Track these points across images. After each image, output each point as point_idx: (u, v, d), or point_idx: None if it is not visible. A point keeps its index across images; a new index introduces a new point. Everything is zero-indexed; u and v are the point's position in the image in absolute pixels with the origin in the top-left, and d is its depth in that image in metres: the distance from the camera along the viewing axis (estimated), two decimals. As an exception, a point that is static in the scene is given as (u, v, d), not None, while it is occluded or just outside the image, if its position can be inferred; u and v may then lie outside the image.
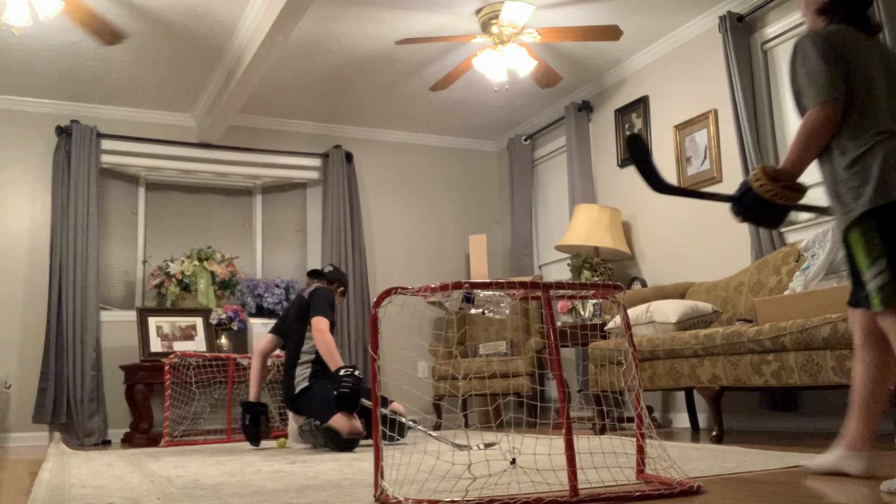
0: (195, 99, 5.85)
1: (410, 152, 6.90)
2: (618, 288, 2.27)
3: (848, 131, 2.00)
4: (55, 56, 5.04)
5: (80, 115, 5.80)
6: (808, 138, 2.01)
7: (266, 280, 6.08)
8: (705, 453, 2.90)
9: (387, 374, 5.98)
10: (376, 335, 2.08)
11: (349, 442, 3.71)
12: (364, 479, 2.44)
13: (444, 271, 6.64)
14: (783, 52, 4.50)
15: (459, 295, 2.00)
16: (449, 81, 5.15)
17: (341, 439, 3.70)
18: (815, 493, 1.91)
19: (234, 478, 2.63)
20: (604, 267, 5.24)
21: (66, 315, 5.39)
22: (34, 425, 5.35)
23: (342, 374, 3.77)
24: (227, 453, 3.84)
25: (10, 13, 3.84)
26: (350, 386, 3.72)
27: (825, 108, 1.98)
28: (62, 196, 5.57)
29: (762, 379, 3.28)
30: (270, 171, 6.41)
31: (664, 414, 5.11)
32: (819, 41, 2.04)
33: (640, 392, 2.20)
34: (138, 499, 2.13)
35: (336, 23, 4.77)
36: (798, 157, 2.02)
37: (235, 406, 5.24)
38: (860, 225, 1.94)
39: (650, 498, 1.86)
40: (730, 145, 4.67)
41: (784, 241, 4.31)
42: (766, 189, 2.03)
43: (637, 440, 2.19)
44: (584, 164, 5.84)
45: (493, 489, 1.93)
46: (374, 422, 1.99)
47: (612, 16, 4.80)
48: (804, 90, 2.06)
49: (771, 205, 2.03)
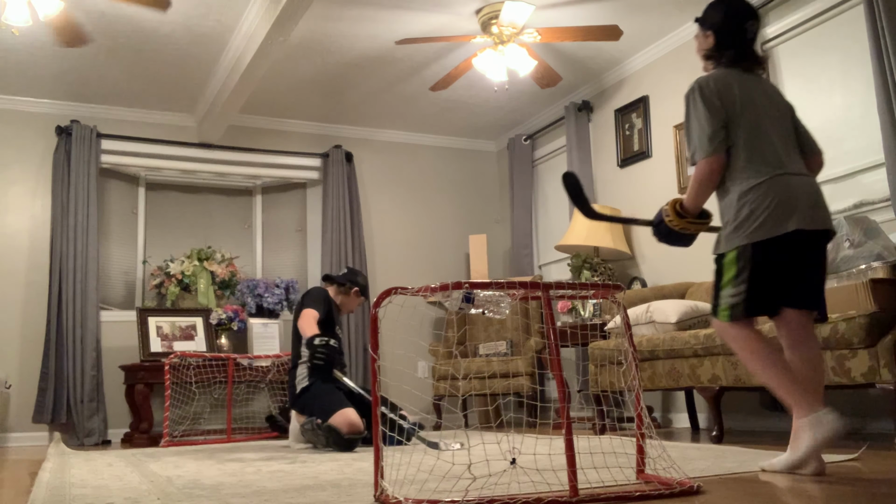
0: (195, 99, 5.85)
1: (410, 152, 6.90)
2: (618, 288, 2.27)
3: (737, 170, 2.28)
4: (55, 56, 5.04)
5: (80, 115, 5.80)
6: (700, 184, 2.30)
7: (266, 280, 6.08)
8: (705, 453, 2.90)
9: (387, 374, 5.98)
10: (376, 335, 2.08)
11: (350, 441, 3.71)
12: (364, 479, 2.44)
13: (444, 271, 6.64)
14: (783, 51, 4.50)
15: (459, 295, 2.00)
16: (449, 81, 5.15)
17: (342, 438, 3.71)
18: (815, 493, 1.91)
19: (234, 478, 2.63)
20: (604, 267, 5.24)
21: (66, 315, 5.39)
22: (34, 425, 5.35)
23: (316, 344, 3.76)
24: (227, 453, 3.84)
25: (10, 13, 3.84)
26: (324, 357, 3.73)
27: (709, 162, 2.28)
28: (62, 196, 5.57)
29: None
30: (270, 171, 6.41)
31: (664, 414, 5.11)
32: (705, 92, 2.31)
33: (640, 392, 2.20)
34: (138, 499, 2.13)
35: (336, 23, 4.77)
36: (693, 199, 2.32)
37: (235, 406, 5.25)
38: (739, 251, 2.24)
39: (650, 498, 1.86)
40: (730, 145, 4.67)
41: (784, 241, 4.31)
42: (674, 224, 2.35)
43: (637, 440, 2.20)
44: (584, 164, 5.84)
45: (493, 489, 1.93)
46: (375, 422, 1.99)
47: (612, 16, 4.80)
48: (692, 142, 2.34)
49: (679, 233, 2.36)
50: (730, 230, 2.25)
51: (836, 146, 4.18)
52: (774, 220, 2.18)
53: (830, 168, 4.20)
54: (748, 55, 2.40)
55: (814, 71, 4.31)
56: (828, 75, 4.23)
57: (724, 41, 2.40)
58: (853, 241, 3.28)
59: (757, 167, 2.24)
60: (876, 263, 3.14)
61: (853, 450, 2.71)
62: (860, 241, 3.28)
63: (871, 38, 3.73)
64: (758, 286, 2.21)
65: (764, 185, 2.21)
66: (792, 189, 2.22)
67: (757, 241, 2.19)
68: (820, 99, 4.27)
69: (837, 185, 4.17)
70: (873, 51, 3.71)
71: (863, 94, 3.99)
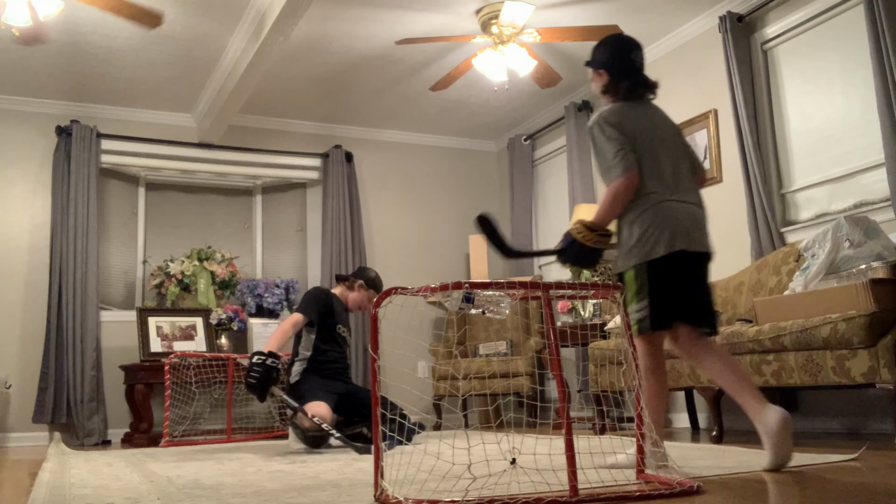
0: (195, 99, 5.85)
1: (410, 152, 6.90)
2: (618, 288, 2.27)
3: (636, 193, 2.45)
4: (55, 56, 5.04)
5: (80, 115, 5.79)
6: (614, 200, 2.45)
7: (266, 280, 6.08)
8: (705, 453, 2.90)
9: (387, 374, 5.98)
10: (376, 335, 2.08)
11: (314, 438, 3.69)
12: (364, 479, 2.44)
13: (444, 271, 6.64)
14: (783, 52, 4.50)
15: (459, 295, 2.00)
16: (449, 81, 5.15)
17: (305, 435, 3.71)
18: (814, 493, 1.91)
19: (234, 478, 2.63)
20: (604, 267, 5.23)
21: (66, 315, 5.39)
22: (34, 425, 5.35)
23: (253, 361, 3.70)
24: (227, 453, 3.84)
25: (10, 13, 3.84)
26: (256, 376, 3.65)
27: (627, 177, 2.42)
28: (62, 196, 5.57)
29: (762, 379, 3.28)
30: (270, 171, 6.41)
31: (664, 414, 5.11)
32: (610, 120, 2.49)
33: (640, 392, 2.20)
34: (138, 499, 2.13)
35: (336, 23, 4.77)
36: (606, 214, 2.46)
37: (235, 406, 5.25)
38: (636, 269, 2.41)
39: (650, 498, 1.86)
40: (730, 145, 4.67)
41: (784, 241, 4.31)
42: (587, 238, 2.45)
43: (637, 440, 2.20)
44: (584, 164, 5.83)
45: (493, 489, 1.93)
46: (374, 422, 1.99)
47: (612, 16, 4.80)
48: (605, 164, 2.49)
49: (591, 249, 2.45)
50: (626, 249, 2.45)
51: (836, 146, 4.18)
52: (665, 240, 2.38)
53: (830, 168, 4.20)
54: (641, 83, 2.63)
55: (814, 71, 4.31)
56: (828, 75, 4.23)
57: (616, 75, 2.62)
58: (853, 241, 3.28)
59: (651, 190, 2.44)
60: (876, 263, 3.13)
61: (853, 450, 2.71)
62: (860, 241, 3.28)
63: (871, 38, 3.73)
64: (658, 301, 2.39)
65: (656, 207, 2.42)
66: (678, 213, 2.43)
67: (652, 259, 2.38)
68: (820, 99, 4.27)
69: (837, 185, 4.17)
70: (873, 51, 3.71)
71: (863, 94, 3.99)
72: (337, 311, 4.27)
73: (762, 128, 4.53)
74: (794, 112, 4.44)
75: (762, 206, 4.32)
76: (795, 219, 4.41)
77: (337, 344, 4.19)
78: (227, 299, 5.96)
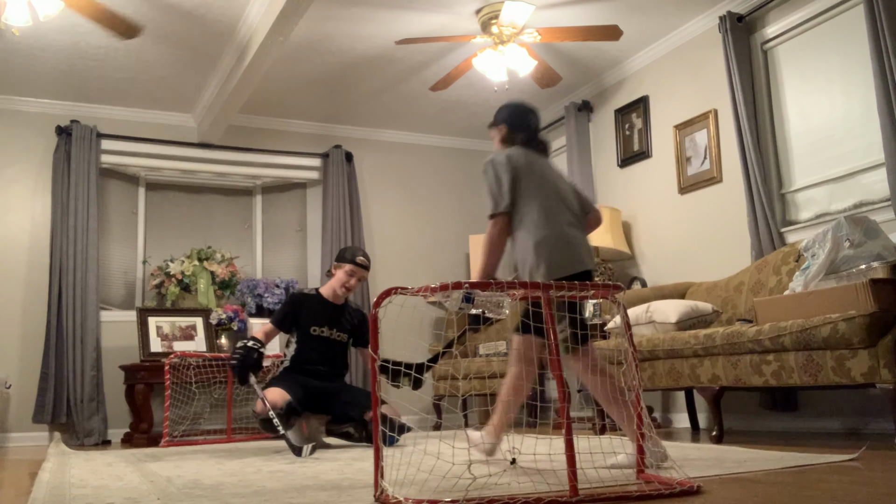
0: (195, 99, 5.85)
1: (410, 152, 6.90)
2: (618, 288, 2.27)
3: (531, 224, 2.64)
4: (55, 56, 5.04)
5: (80, 115, 5.80)
6: (491, 245, 2.67)
7: (266, 280, 6.08)
8: (705, 453, 2.90)
9: (387, 374, 5.96)
10: (376, 335, 2.08)
11: (262, 421, 3.74)
12: (364, 479, 2.44)
13: (444, 271, 6.64)
14: (783, 52, 4.50)
15: (459, 295, 2.00)
16: (449, 81, 5.15)
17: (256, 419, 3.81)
18: (814, 493, 1.91)
19: (234, 478, 2.63)
20: (604, 267, 5.24)
21: (66, 315, 5.39)
22: (34, 425, 5.35)
23: (237, 346, 3.92)
24: (227, 453, 3.84)
25: (10, 13, 3.84)
26: (237, 357, 3.84)
27: (496, 222, 2.66)
28: (62, 196, 5.57)
29: (762, 379, 3.28)
30: (270, 171, 6.41)
31: (664, 414, 5.11)
32: (497, 166, 2.71)
33: (640, 392, 2.20)
34: (138, 499, 2.13)
35: (336, 23, 4.77)
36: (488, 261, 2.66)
37: (235, 406, 5.25)
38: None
39: (650, 498, 1.86)
40: (730, 145, 4.67)
41: (784, 241, 4.31)
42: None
43: (637, 440, 2.20)
44: (584, 164, 5.84)
45: (493, 489, 1.93)
46: (375, 422, 1.99)
47: (612, 16, 4.80)
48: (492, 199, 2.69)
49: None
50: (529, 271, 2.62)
51: (836, 146, 4.18)
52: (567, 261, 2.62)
53: (830, 168, 4.21)
54: (536, 141, 2.88)
55: (814, 71, 4.31)
56: (828, 75, 4.23)
57: (514, 128, 2.91)
58: (853, 241, 3.28)
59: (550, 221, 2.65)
60: (876, 263, 3.13)
61: (853, 450, 2.71)
62: (860, 241, 3.28)
63: (871, 38, 3.73)
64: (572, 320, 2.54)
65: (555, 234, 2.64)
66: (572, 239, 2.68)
67: (557, 277, 2.54)
68: (820, 99, 4.27)
69: (837, 185, 4.17)
70: (873, 51, 3.72)
71: (863, 94, 3.99)
72: (312, 312, 4.13)
73: (762, 128, 4.53)
74: (794, 112, 4.44)
75: (762, 206, 4.32)
76: (795, 219, 4.41)
77: (318, 344, 4.11)
78: (227, 299, 5.96)
